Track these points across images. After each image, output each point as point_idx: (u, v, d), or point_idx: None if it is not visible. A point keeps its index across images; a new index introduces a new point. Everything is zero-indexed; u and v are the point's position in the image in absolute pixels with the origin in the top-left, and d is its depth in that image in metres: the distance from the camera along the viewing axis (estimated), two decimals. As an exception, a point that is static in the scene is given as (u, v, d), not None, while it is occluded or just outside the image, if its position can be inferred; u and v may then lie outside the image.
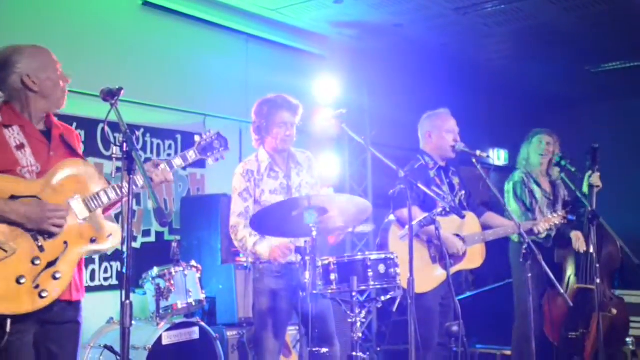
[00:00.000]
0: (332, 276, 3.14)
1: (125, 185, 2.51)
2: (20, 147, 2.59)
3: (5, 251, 2.44)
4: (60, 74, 2.73)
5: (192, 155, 2.98)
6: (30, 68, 2.65)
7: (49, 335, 2.60)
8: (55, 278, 2.52)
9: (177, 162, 2.91)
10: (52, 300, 2.51)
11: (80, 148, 2.89)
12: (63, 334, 2.65)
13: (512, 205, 4.78)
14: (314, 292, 3.06)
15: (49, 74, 2.68)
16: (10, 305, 2.42)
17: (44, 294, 2.48)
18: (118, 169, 2.72)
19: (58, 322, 2.62)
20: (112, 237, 2.69)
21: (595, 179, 4.78)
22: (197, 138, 3.05)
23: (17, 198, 2.49)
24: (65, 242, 2.57)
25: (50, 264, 2.52)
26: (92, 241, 2.64)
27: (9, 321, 2.44)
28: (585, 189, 4.81)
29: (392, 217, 3.97)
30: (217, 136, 3.08)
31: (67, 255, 2.57)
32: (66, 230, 2.56)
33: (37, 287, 2.47)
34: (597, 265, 4.39)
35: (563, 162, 4.85)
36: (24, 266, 2.46)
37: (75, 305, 2.71)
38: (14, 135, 2.60)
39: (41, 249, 2.51)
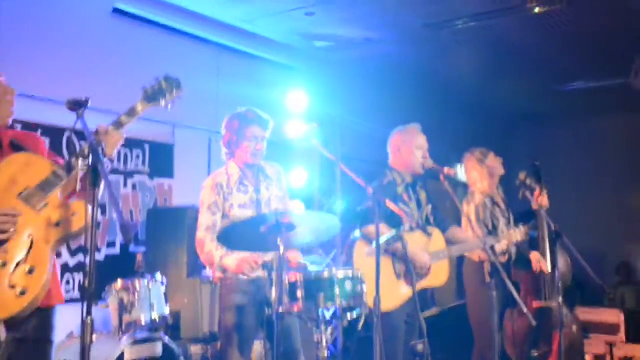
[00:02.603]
0: (299, 293, 3.12)
1: (75, 161, 2.44)
2: None
3: None
4: (7, 97, 2.66)
5: (139, 107, 2.79)
6: None
7: (21, 355, 2.53)
8: (30, 273, 2.44)
9: (124, 119, 2.73)
10: (35, 296, 2.43)
11: (43, 151, 2.81)
12: (35, 355, 2.58)
13: (477, 230, 4.61)
14: (280, 309, 3.04)
15: None
16: None
17: (23, 292, 2.41)
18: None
19: (31, 340, 2.56)
20: (78, 216, 2.58)
21: (544, 199, 4.74)
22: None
23: None
24: (29, 236, 2.50)
25: (20, 262, 2.45)
26: (57, 225, 2.55)
27: (3, 327, 2.37)
28: (534, 207, 4.78)
29: (357, 233, 3.96)
30: (166, 78, 2.87)
31: (36, 247, 2.49)
32: (26, 224, 2.49)
33: (13, 287, 2.40)
34: (560, 284, 4.43)
35: (529, 181, 4.86)
36: None
37: (50, 320, 2.64)
38: None
39: (4, 250, 2.44)
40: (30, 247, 2.49)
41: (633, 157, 9.38)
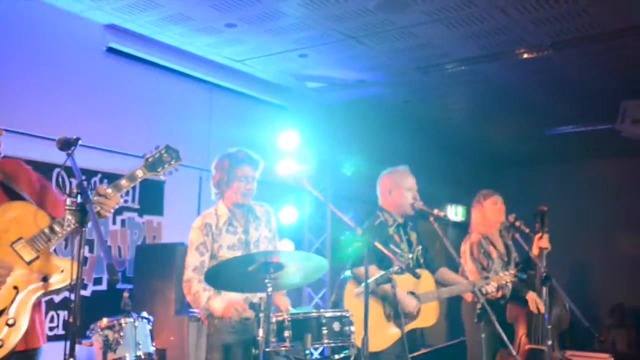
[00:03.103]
0: (286, 333, 3.10)
1: (69, 217, 2.43)
2: None
3: None
4: None
5: (139, 173, 2.79)
6: None
7: None
8: (9, 325, 2.43)
9: (124, 183, 2.73)
10: (10, 349, 2.42)
11: (30, 175, 2.80)
12: None
13: (469, 266, 4.76)
14: (267, 349, 3.01)
15: None
16: None
17: (0, 344, 2.39)
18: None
19: None
20: (65, 273, 2.59)
21: (545, 241, 4.83)
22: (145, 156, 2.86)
23: None
24: (15, 287, 2.49)
25: (2, 312, 2.44)
26: (44, 280, 2.55)
27: None
28: (535, 250, 4.86)
29: (347, 272, 3.96)
30: (166, 148, 2.90)
31: (20, 300, 2.49)
32: (14, 275, 2.49)
33: None
34: (549, 327, 4.42)
35: (518, 223, 4.90)
36: None
37: (33, 356, 2.61)
38: None
39: None
40: (14, 299, 2.48)
41: (623, 200, 9.46)
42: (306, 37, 5.67)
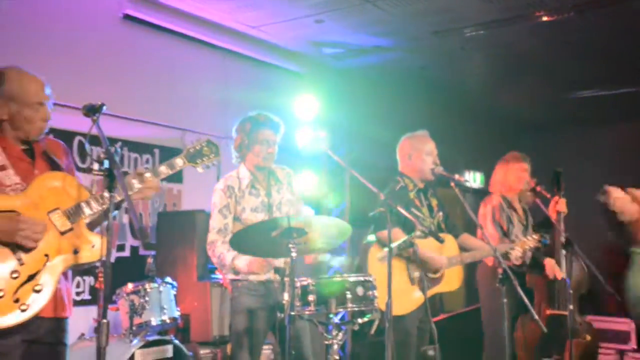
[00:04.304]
0: (310, 297, 3.13)
1: (107, 194, 2.47)
2: (2, 168, 2.58)
3: None
4: (40, 112, 2.68)
5: (179, 162, 2.87)
6: (4, 97, 2.63)
7: (34, 357, 2.54)
8: (36, 291, 2.47)
9: (164, 170, 2.81)
10: (34, 314, 2.47)
11: (68, 159, 2.86)
12: (49, 357, 2.60)
13: (490, 230, 4.71)
14: (292, 313, 3.04)
15: (21, 110, 2.63)
16: None
17: (24, 308, 2.43)
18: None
19: (44, 342, 2.57)
20: (96, 249, 2.64)
21: (562, 204, 4.77)
22: (187, 146, 2.93)
23: None
24: (46, 255, 2.53)
25: (31, 277, 2.47)
26: (75, 252, 2.59)
27: None
28: (552, 214, 4.80)
29: (371, 237, 3.97)
30: (207, 143, 2.98)
31: (49, 268, 2.53)
32: (47, 243, 2.52)
33: (17, 301, 2.43)
34: (571, 292, 4.41)
35: (539, 188, 4.87)
36: (1, 280, 2.42)
37: (61, 325, 2.66)
38: None
39: (20, 262, 2.47)
40: (44, 266, 2.52)
41: (642, 164, 9.35)
42: (322, 2, 5.59)
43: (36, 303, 2.47)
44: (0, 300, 2.41)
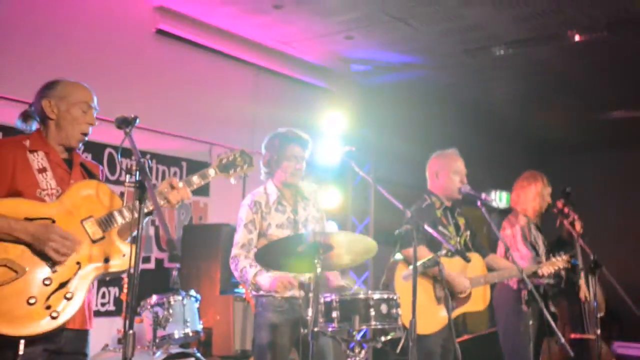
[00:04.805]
0: (334, 314, 3.11)
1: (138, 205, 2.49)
2: (42, 170, 2.62)
3: (16, 272, 2.43)
4: (87, 115, 2.73)
5: (211, 172, 2.86)
6: (55, 95, 2.69)
7: None
8: (67, 299, 2.49)
9: (196, 180, 2.81)
10: (65, 321, 2.48)
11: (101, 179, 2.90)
12: None
13: (522, 250, 4.59)
14: (315, 329, 3.02)
15: (70, 108, 2.69)
16: (22, 327, 2.40)
17: (55, 315, 2.45)
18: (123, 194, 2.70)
19: (65, 352, 2.59)
20: (126, 258, 2.64)
21: (578, 225, 4.68)
22: (219, 156, 2.91)
23: (32, 220, 2.49)
24: (78, 263, 2.55)
25: (62, 285, 2.50)
26: (106, 261, 2.61)
27: (22, 342, 2.41)
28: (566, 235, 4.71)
29: (398, 255, 3.94)
30: (241, 153, 2.96)
31: (80, 276, 2.55)
32: (79, 251, 2.54)
33: (48, 307, 2.45)
34: (599, 315, 4.32)
35: (566, 210, 4.78)
36: (34, 287, 2.45)
37: (83, 336, 2.68)
38: (37, 159, 2.64)
39: (53, 269, 2.49)
40: (75, 274, 2.54)
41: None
42: (353, 19, 5.63)
43: (67, 311, 2.49)
44: (33, 307, 2.43)
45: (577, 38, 5.81)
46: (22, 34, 4.59)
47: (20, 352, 2.41)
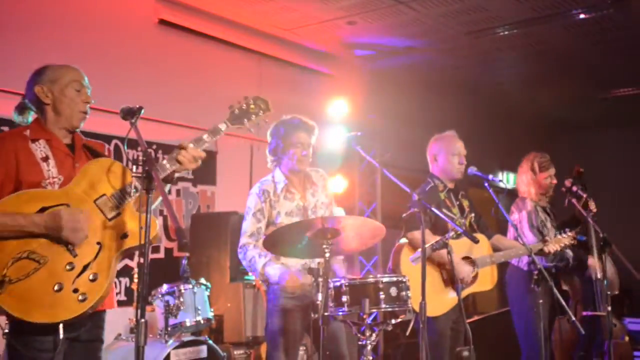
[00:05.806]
0: (344, 298, 3.12)
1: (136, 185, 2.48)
2: (45, 159, 2.61)
3: (38, 262, 2.45)
4: (81, 94, 2.72)
5: (222, 127, 2.75)
6: (47, 80, 2.68)
7: (76, 354, 2.60)
8: (92, 280, 2.50)
9: (206, 137, 2.71)
10: (92, 304, 2.49)
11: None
12: (87, 353, 2.65)
13: (528, 236, 4.53)
14: (326, 313, 3.04)
15: (63, 89, 2.68)
16: (53, 313, 2.43)
17: (82, 297, 2.47)
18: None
19: (83, 340, 2.62)
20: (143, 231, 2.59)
21: (591, 204, 4.67)
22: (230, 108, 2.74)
23: (47, 209, 2.50)
24: (99, 243, 2.55)
25: (86, 267, 2.50)
26: (125, 237, 2.60)
27: (61, 326, 2.44)
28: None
29: (404, 239, 3.96)
30: (254, 99, 2.81)
31: (103, 255, 2.55)
32: (97, 231, 2.54)
33: (75, 291, 2.47)
34: (609, 293, 4.32)
35: (575, 188, 4.76)
36: (59, 273, 2.46)
37: (100, 323, 2.71)
38: (40, 148, 2.62)
39: (74, 253, 2.50)
40: (97, 254, 2.54)
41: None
42: (355, 4, 5.60)
43: (94, 292, 2.50)
44: (61, 293, 2.44)
45: (582, 16, 5.76)
46: (24, 26, 4.60)
47: (61, 336, 2.44)
